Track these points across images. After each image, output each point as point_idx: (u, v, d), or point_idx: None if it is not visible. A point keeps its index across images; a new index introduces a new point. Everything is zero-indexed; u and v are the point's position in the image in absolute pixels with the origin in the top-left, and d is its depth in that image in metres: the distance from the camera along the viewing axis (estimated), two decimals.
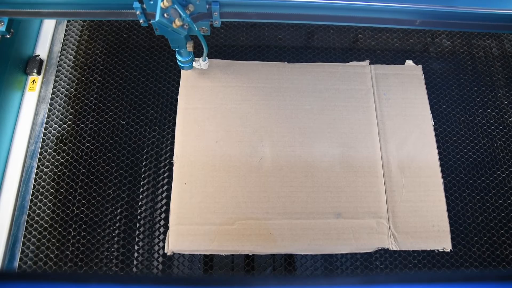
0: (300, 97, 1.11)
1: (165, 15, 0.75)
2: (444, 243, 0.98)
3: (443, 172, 1.06)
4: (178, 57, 1.01)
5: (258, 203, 0.98)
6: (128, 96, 1.15)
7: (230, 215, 0.97)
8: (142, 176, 1.06)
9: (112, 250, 0.98)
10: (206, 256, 0.98)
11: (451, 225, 1.00)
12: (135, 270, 0.97)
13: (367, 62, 1.18)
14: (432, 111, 1.12)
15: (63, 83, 1.15)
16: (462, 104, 1.20)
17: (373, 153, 1.05)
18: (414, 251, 1.01)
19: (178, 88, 1.11)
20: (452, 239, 0.99)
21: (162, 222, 1.01)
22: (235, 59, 1.16)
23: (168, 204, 1.01)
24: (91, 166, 1.05)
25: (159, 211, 1.03)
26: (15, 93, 1.10)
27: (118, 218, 1.01)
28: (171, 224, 0.96)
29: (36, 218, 0.99)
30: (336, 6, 0.80)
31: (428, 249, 0.98)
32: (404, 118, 1.10)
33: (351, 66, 1.17)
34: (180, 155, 1.02)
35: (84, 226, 0.99)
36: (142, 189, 1.05)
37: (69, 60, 1.18)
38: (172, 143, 1.06)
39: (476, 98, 1.22)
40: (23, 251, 0.96)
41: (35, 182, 1.03)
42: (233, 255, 0.98)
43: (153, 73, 1.18)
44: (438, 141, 1.10)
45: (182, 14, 0.76)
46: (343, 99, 1.11)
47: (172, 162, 1.03)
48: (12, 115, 1.08)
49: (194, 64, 1.07)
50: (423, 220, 0.99)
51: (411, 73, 1.17)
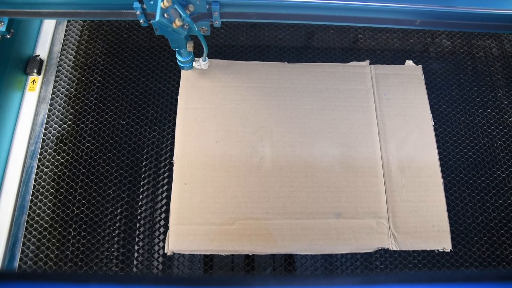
0: (300, 97, 1.11)
1: (165, 15, 0.75)
2: (444, 243, 0.98)
3: (443, 172, 1.06)
4: (178, 57, 1.01)
5: (258, 203, 0.98)
6: (128, 96, 1.15)
7: (230, 215, 0.97)
8: (142, 176, 1.06)
9: (112, 250, 0.98)
10: (206, 256, 0.98)
11: (451, 225, 1.01)
12: (135, 270, 0.97)
13: (367, 62, 1.18)
14: (432, 111, 1.12)
15: (63, 83, 1.15)
16: (462, 104, 1.20)
17: (373, 153, 1.05)
18: (414, 251, 1.01)
19: (178, 88, 1.11)
20: (452, 239, 0.99)
21: (162, 222, 1.01)
22: (235, 59, 1.16)
23: (168, 204, 1.01)
24: (91, 166, 1.05)
25: (159, 211, 1.03)
26: (15, 93, 1.10)
27: (118, 218, 1.01)
28: (171, 224, 0.96)
29: (36, 218, 0.99)
30: (336, 6, 0.80)
31: (428, 249, 0.98)
32: (404, 118, 1.10)
33: (351, 66, 1.17)
34: (180, 155, 1.02)
35: (84, 226, 1.00)
36: (142, 189, 1.05)
37: (69, 60, 1.18)
38: (172, 143, 1.06)
39: (476, 98, 1.22)
40: (23, 251, 0.96)
41: (35, 182, 1.03)
42: (233, 255, 0.98)
43: (153, 73, 1.18)
44: (438, 141, 1.10)
45: (182, 14, 0.76)
46: (343, 99, 1.11)
47: (172, 162, 1.03)
48: (12, 115, 1.08)
49: (194, 64, 1.07)
50: (423, 220, 0.99)
51: (411, 73, 1.17)
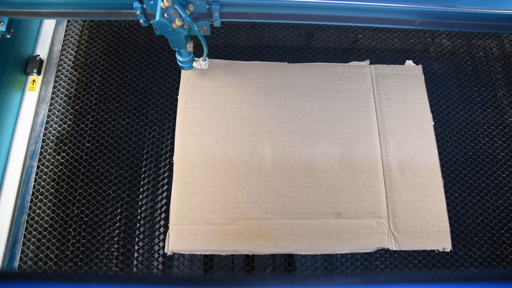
0: (300, 97, 1.11)
1: (165, 15, 0.75)
2: (444, 243, 0.98)
3: (443, 172, 1.06)
4: (178, 57, 1.01)
5: (258, 203, 0.98)
6: (128, 96, 1.15)
7: (230, 215, 0.97)
8: (142, 176, 1.06)
9: (112, 250, 0.98)
10: (206, 256, 0.98)
11: (451, 225, 1.01)
12: (135, 270, 0.97)
13: (367, 62, 1.18)
14: (432, 111, 1.12)
15: (63, 83, 1.15)
16: (462, 104, 1.20)
17: (373, 153, 1.05)
18: (414, 251, 1.01)
19: (178, 88, 1.11)
20: (452, 239, 0.99)
21: (162, 222, 1.01)
22: (235, 59, 1.16)
23: (168, 204, 1.01)
24: (91, 166, 1.05)
25: (159, 211, 1.03)
26: (15, 93, 1.10)
27: (118, 218, 1.01)
28: (171, 224, 0.96)
29: (36, 218, 0.99)
30: (336, 6, 0.80)
31: (428, 249, 0.98)
32: (404, 118, 1.10)
33: (351, 66, 1.17)
34: (180, 155, 1.02)
35: (84, 226, 1.00)
36: (142, 189, 1.05)
37: (69, 60, 1.18)
38: (172, 143, 1.06)
39: (476, 98, 1.22)
40: (23, 251, 0.96)
41: (35, 182, 1.03)
42: (233, 255, 0.98)
43: (153, 73, 1.18)
44: (438, 141, 1.10)
45: (182, 14, 0.76)
46: (343, 99, 1.11)
47: (172, 162, 1.03)
48: (12, 115, 1.08)
49: (194, 64, 1.07)
50: (423, 220, 0.99)
51: (411, 73, 1.17)
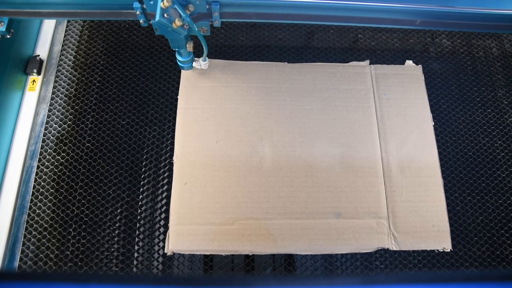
0: (300, 97, 1.11)
1: (165, 15, 0.75)
2: (444, 243, 0.98)
3: (443, 172, 1.06)
4: (178, 57, 1.01)
5: (258, 203, 0.98)
6: (128, 96, 1.15)
7: (230, 215, 0.97)
8: (142, 176, 1.06)
9: (112, 250, 0.98)
10: (206, 256, 0.98)
11: (451, 225, 1.00)
12: (135, 270, 0.97)
13: (367, 62, 1.18)
14: (432, 111, 1.12)
15: (63, 83, 1.15)
16: (462, 104, 1.20)
17: (373, 153, 1.05)
18: (414, 251, 1.01)
19: (178, 88, 1.11)
20: (452, 239, 0.99)
21: (162, 222, 1.01)
22: (235, 59, 1.16)
23: (168, 204, 1.01)
24: (91, 166, 1.05)
25: (159, 211, 1.03)
26: (15, 93, 1.10)
27: (118, 218, 1.01)
28: (171, 224, 0.96)
29: (36, 218, 0.99)
30: (336, 6, 0.80)
31: (428, 249, 0.98)
32: (404, 118, 1.10)
33: (351, 66, 1.17)
34: (180, 155, 1.02)
35: (84, 226, 1.00)
36: (142, 189, 1.05)
37: (69, 60, 1.18)
38: (172, 143, 1.06)
39: (476, 98, 1.22)
40: (23, 251, 0.96)
41: (35, 182, 1.03)
42: (233, 255, 0.98)
43: (153, 73, 1.18)
44: (438, 141, 1.10)
45: (182, 14, 0.76)
46: (343, 99, 1.11)
47: (172, 162, 1.03)
48: (12, 115, 1.08)
49: (194, 64, 1.07)
50: (423, 220, 0.99)
51: (411, 73, 1.17)
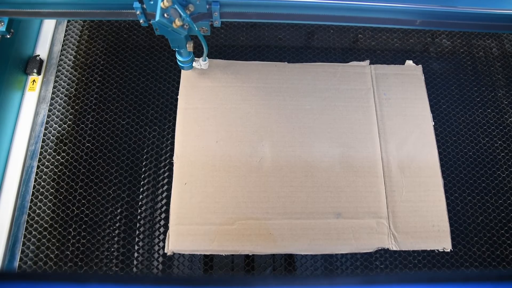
0: (300, 97, 1.11)
1: (165, 15, 0.75)
2: (444, 243, 0.98)
3: (443, 172, 1.06)
4: (178, 57, 1.01)
5: (258, 203, 0.98)
6: (128, 96, 1.15)
7: (230, 215, 0.97)
8: (142, 176, 1.06)
9: (112, 250, 0.98)
10: (206, 256, 0.98)
11: (451, 225, 1.00)
12: (135, 270, 0.97)
13: (367, 62, 1.18)
14: (432, 111, 1.12)
15: (63, 83, 1.15)
16: (462, 104, 1.20)
17: (373, 153, 1.05)
18: (414, 251, 1.01)
19: (178, 88, 1.11)
20: (452, 239, 0.99)
21: (162, 222, 1.01)
22: (235, 59, 1.16)
23: (168, 204, 1.01)
24: (91, 166, 1.05)
25: (159, 211, 1.03)
26: (15, 93, 1.10)
27: (118, 218, 1.01)
28: (171, 224, 0.96)
29: (36, 218, 0.99)
30: (336, 6, 0.80)
31: (428, 249, 0.98)
32: (404, 118, 1.10)
33: (351, 66, 1.17)
34: (180, 155, 1.02)
35: (84, 226, 0.99)
36: (142, 189, 1.05)
37: (69, 60, 1.18)
38: (172, 143, 1.06)
39: (476, 98, 1.22)
40: (23, 251, 0.96)
41: (35, 182, 1.03)
42: (233, 255, 0.98)
43: (153, 73, 1.18)
44: (438, 141, 1.10)
45: (182, 14, 0.76)
46: (343, 99, 1.11)
47: (172, 162, 1.03)
48: (12, 115, 1.08)
49: (194, 64, 1.07)
50: (423, 220, 0.99)
51: (411, 73, 1.17)
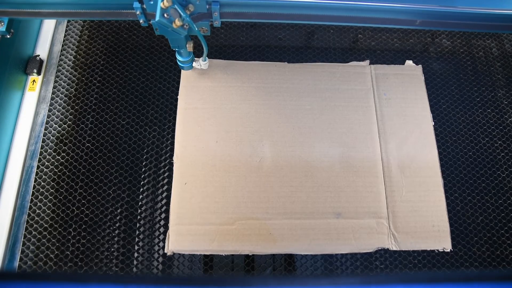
0: (300, 97, 1.11)
1: (165, 15, 0.75)
2: (444, 243, 0.98)
3: (443, 172, 1.06)
4: (178, 57, 1.01)
5: (258, 203, 0.98)
6: (128, 96, 1.15)
7: (230, 215, 0.97)
8: (142, 176, 1.06)
9: (112, 250, 0.98)
10: (206, 256, 0.98)
11: (451, 225, 1.01)
12: (135, 270, 0.97)
13: (367, 62, 1.18)
14: (432, 111, 1.12)
15: (63, 83, 1.15)
16: (462, 104, 1.20)
17: (373, 153, 1.05)
18: (414, 251, 1.01)
19: (178, 88, 1.11)
20: (452, 239, 0.99)
21: (162, 222, 1.01)
22: (235, 59, 1.16)
23: (168, 204, 1.01)
24: (91, 166, 1.05)
25: (159, 211, 1.03)
26: (15, 93, 1.10)
27: (118, 218, 1.01)
28: (171, 224, 0.96)
29: (36, 218, 0.99)
30: (336, 6, 0.80)
31: (428, 249, 0.98)
32: (404, 118, 1.10)
33: (351, 66, 1.17)
34: (180, 155, 1.02)
35: (84, 226, 0.99)
36: (142, 189, 1.05)
37: (69, 60, 1.18)
38: (172, 143, 1.06)
39: (476, 98, 1.22)
40: (23, 251, 0.96)
41: (35, 182, 1.03)
42: (233, 255, 0.98)
43: (153, 73, 1.18)
44: (438, 141, 1.10)
45: (182, 14, 0.76)
46: (343, 99, 1.11)
47: (172, 162, 1.03)
48: (12, 115, 1.08)
49: (194, 64, 1.07)
50: (423, 220, 0.99)
51: (411, 73, 1.17)
